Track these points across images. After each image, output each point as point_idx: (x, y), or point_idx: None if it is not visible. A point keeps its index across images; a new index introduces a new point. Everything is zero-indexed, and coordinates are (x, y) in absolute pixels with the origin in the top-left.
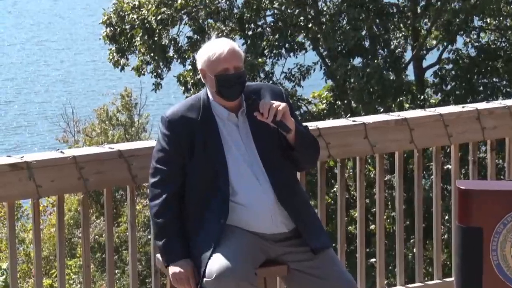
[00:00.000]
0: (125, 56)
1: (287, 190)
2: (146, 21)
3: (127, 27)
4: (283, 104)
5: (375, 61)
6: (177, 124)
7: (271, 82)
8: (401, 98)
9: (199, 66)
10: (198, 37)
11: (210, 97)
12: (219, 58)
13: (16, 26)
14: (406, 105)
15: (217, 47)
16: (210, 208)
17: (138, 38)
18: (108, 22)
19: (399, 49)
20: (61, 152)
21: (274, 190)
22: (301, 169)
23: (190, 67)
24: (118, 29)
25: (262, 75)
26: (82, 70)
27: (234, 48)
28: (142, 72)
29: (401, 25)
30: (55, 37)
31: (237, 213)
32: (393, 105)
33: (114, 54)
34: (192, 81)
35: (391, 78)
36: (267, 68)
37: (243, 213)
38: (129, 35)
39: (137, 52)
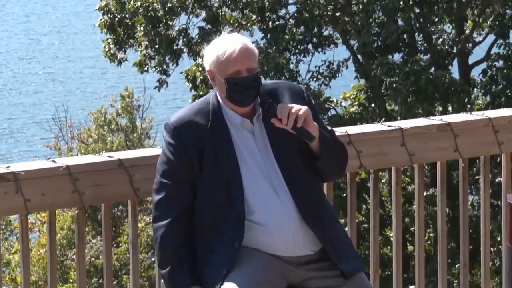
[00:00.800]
0: (123, 49)
1: (312, 206)
2: (151, 8)
3: (128, 15)
4: (304, 108)
5: (420, 57)
6: (184, 131)
7: (296, 82)
8: (453, 100)
9: (206, 66)
10: (211, 27)
11: (221, 100)
12: (230, 59)
13: (1, 17)
14: (450, 108)
15: (227, 45)
16: (223, 229)
17: (141, 28)
18: (106, 8)
19: (446, 43)
20: (53, 161)
21: (297, 206)
22: (327, 180)
23: (200, 61)
24: (118, 16)
25: (286, 74)
26: (78, 67)
27: (247, 46)
28: (145, 68)
29: (445, 15)
30: (46, 30)
31: (254, 234)
32: (435, 108)
33: (111, 45)
34: (201, 77)
35: (446, 77)
36: (291, 66)
37: (261, 233)
38: (129, 24)
39: (137, 45)
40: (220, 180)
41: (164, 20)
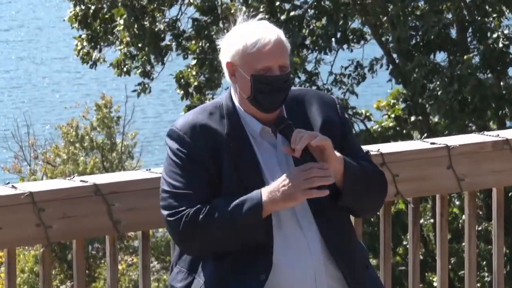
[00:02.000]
0: (98, 47)
1: (343, 242)
2: None
3: (106, 5)
4: (322, 138)
5: (470, 58)
6: (196, 137)
7: (315, 87)
8: (505, 111)
9: (226, 57)
10: (208, 20)
11: (237, 103)
12: (262, 51)
13: None
14: (508, 122)
15: (259, 33)
16: (245, 258)
17: (121, 21)
18: None
19: (502, 40)
20: (13, 186)
21: (325, 243)
22: (359, 217)
23: (194, 62)
24: (92, 7)
25: (302, 76)
26: (43, 70)
27: (282, 38)
28: (125, 70)
29: (504, 6)
30: (4, 24)
31: (274, 275)
32: (490, 121)
33: (84, 43)
34: (195, 83)
35: (490, 82)
36: (309, 67)
37: (279, 272)
38: (107, 17)
39: (118, 42)
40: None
41: (150, 11)
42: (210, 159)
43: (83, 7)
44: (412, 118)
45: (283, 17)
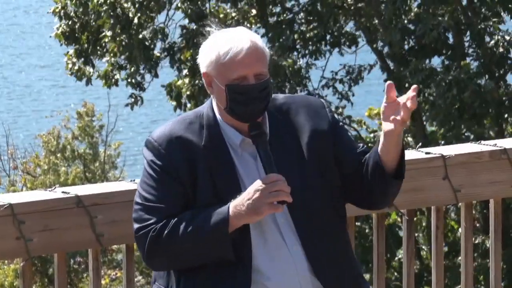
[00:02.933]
0: (90, 62)
1: (329, 258)
2: (118, 5)
3: (93, 16)
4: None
5: (468, 63)
6: (171, 150)
7: (306, 92)
8: (505, 117)
9: (202, 67)
10: (197, 27)
11: (217, 113)
12: (234, 60)
13: None
14: (509, 129)
15: (231, 41)
16: (223, 275)
17: (107, 33)
18: (62, 12)
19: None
20: None
21: (307, 257)
22: (373, 207)
23: (186, 71)
24: (77, 22)
25: (292, 82)
26: (23, 77)
27: (257, 46)
28: (113, 81)
29: (500, 8)
30: None
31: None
32: (488, 129)
33: (74, 59)
34: (187, 92)
35: (500, 89)
36: (301, 72)
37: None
38: (93, 29)
39: (107, 54)
40: None
41: (136, 21)
42: (186, 171)
43: (69, 22)
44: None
45: (273, 20)
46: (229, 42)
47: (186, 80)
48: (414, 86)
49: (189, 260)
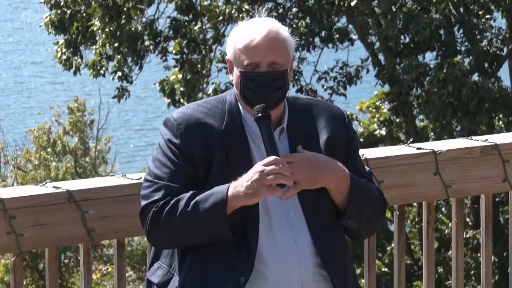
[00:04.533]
0: (79, 52)
1: (336, 252)
2: None
3: (83, 7)
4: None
5: (460, 60)
6: (190, 132)
7: (298, 86)
8: (497, 115)
9: (227, 54)
10: (188, 19)
11: (239, 102)
12: (248, 47)
13: None
14: (500, 124)
15: (249, 30)
16: (226, 259)
17: (97, 22)
18: (54, 1)
19: (494, 42)
20: None
21: (318, 252)
22: (355, 239)
23: (174, 64)
24: (69, 11)
25: None
26: (16, 73)
27: (276, 35)
28: (101, 72)
29: (492, 5)
30: None
31: (257, 281)
32: (481, 125)
33: (64, 49)
34: (181, 88)
35: (495, 86)
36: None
37: (262, 277)
38: (84, 20)
39: (98, 44)
40: None
41: (127, 10)
42: (201, 154)
43: (59, 11)
44: (398, 120)
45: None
46: (248, 29)
47: (179, 76)
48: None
49: (188, 238)
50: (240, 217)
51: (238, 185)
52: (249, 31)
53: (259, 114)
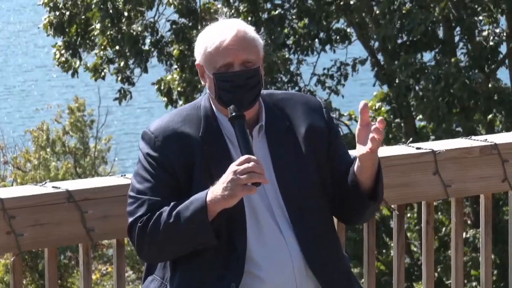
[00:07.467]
0: (77, 54)
1: (324, 251)
2: None
3: (82, 10)
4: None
5: (459, 58)
6: (167, 144)
7: (296, 88)
8: (496, 114)
9: (196, 59)
10: (187, 22)
11: (214, 105)
12: (219, 48)
13: None
14: (499, 124)
15: (218, 32)
16: (216, 266)
17: (97, 26)
18: (52, 3)
19: (492, 39)
20: None
21: (303, 251)
22: (348, 223)
23: (176, 67)
24: (66, 13)
25: (283, 77)
26: (15, 73)
27: (245, 34)
28: (102, 75)
29: (491, 5)
30: None
31: (251, 282)
32: (478, 123)
33: (62, 51)
34: (179, 88)
35: (489, 82)
36: (291, 68)
37: (255, 281)
38: (82, 22)
39: (96, 47)
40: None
41: (126, 14)
42: (181, 164)
43: (57, 13)
44: (396, 121)
45: (264, 16)
46: (216, 32)
47: (176, 76)
48: (380, 118)
49: (176, 249)
50: (227, 220)
51: (215, 189)
52: (218, 33)
53: (233, 114)
